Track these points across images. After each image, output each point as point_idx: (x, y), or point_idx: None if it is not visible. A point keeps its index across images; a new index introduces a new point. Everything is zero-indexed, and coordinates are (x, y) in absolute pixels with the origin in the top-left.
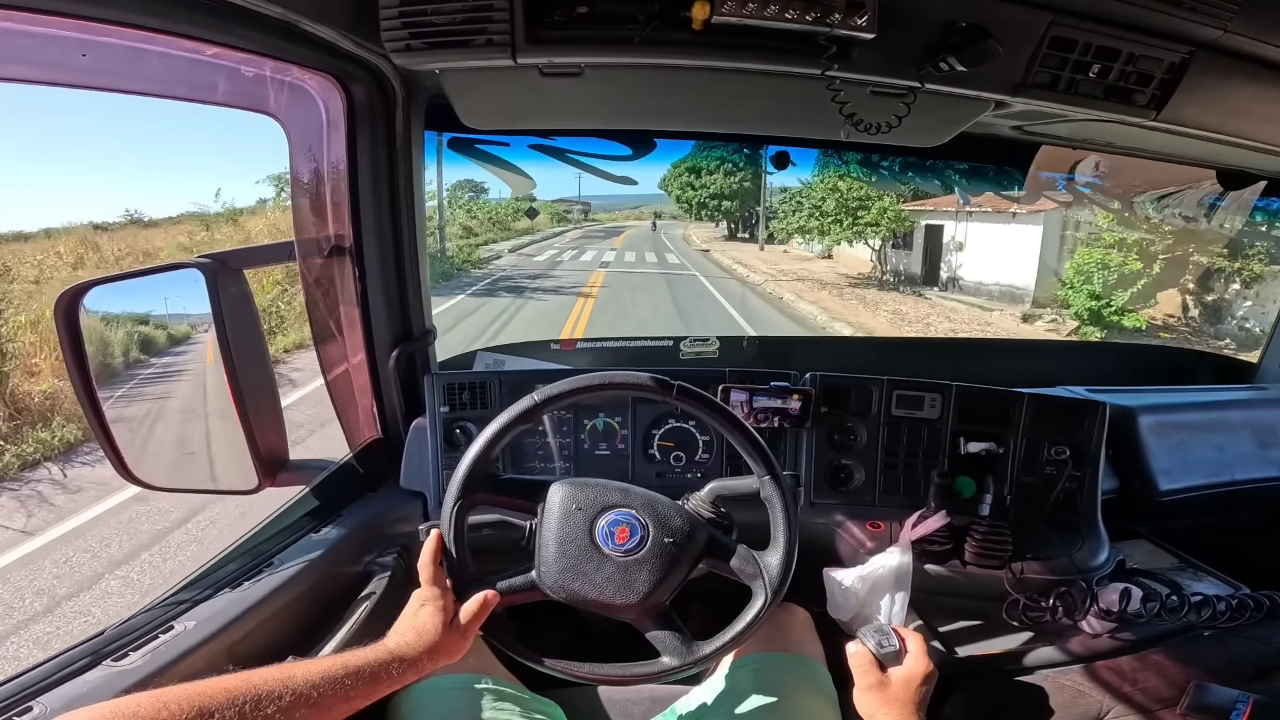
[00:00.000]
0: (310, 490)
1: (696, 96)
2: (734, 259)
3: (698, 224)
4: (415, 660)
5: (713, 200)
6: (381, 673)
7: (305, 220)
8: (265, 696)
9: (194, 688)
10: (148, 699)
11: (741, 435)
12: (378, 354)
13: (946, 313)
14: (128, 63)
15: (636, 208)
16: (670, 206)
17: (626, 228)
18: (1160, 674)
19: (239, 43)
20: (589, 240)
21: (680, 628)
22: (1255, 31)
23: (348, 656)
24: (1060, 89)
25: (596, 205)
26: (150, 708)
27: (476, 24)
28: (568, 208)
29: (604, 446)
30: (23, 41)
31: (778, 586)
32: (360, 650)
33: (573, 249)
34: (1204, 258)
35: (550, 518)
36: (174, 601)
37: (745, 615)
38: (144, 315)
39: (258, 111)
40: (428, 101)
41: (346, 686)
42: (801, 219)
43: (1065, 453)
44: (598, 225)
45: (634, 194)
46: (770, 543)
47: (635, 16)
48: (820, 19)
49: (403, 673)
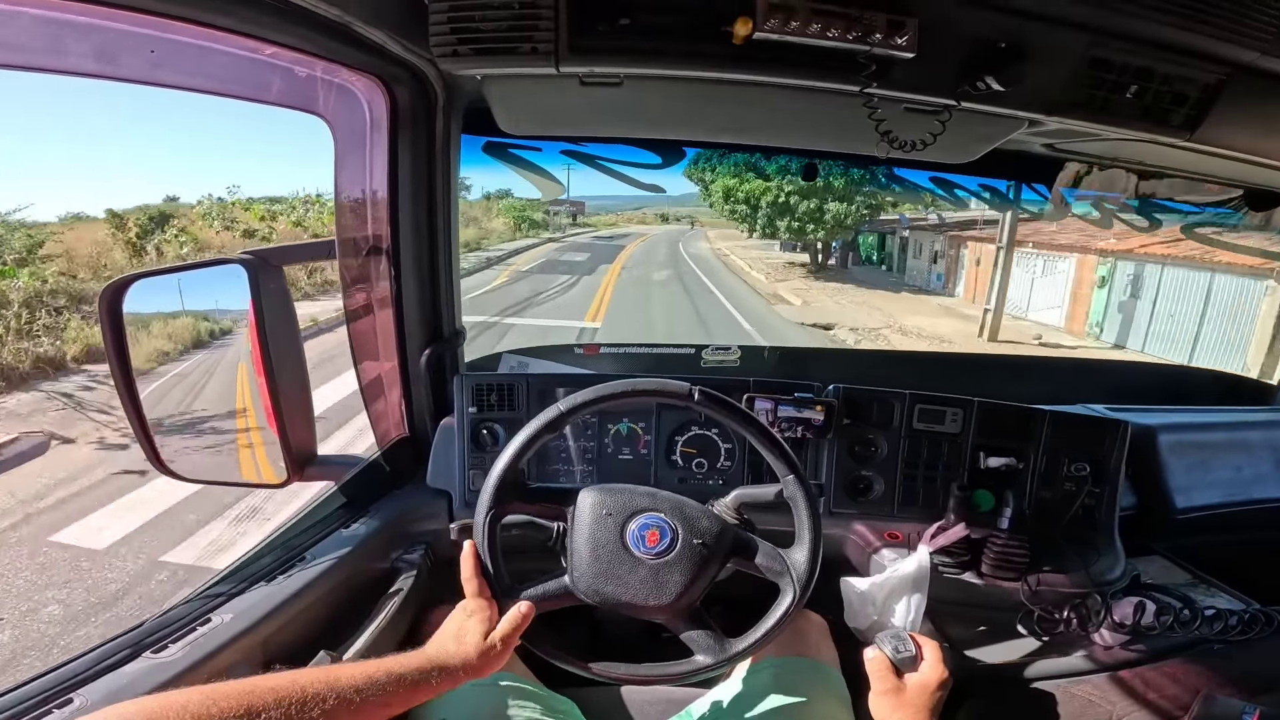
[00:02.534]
0: (339, 487)
1: (732, 108)
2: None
3: (727, 237)
4: (454, 670)
5: (814, 219)
6: (422, 681)
7: (346, 219)
8: (311, 698)
9: (242, 685)
10: (197, 695)
11: (763, 437)
12: (409, 353)
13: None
14: (192, 60)
15: (640, 209)
16: (685, 208)
17: (629, 238)
18: (1170, 686)
19: (295, 42)
20: (560, 268)
21: (712, 626)
22: None
23: (390, 662)
24: (1096, 108)
25: (592, 206)
26: (199, 704)
27: (522, 32)
28: (549, 208)
29: (627, 451)
30: (95, 37)
31: (805, 582)
32: (403, 656)
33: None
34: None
35: (581, 523)
36: (211, 594)
37: (775, 612)
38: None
39: (308, 111)
40: (466, 106)
41: (389, 692)
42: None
43: (1085, 469)
44: (587, 236)
45: (636, 194)
46: (795, 540)
47: (677, 30)
48: (861, 38)
49: (441, 682)
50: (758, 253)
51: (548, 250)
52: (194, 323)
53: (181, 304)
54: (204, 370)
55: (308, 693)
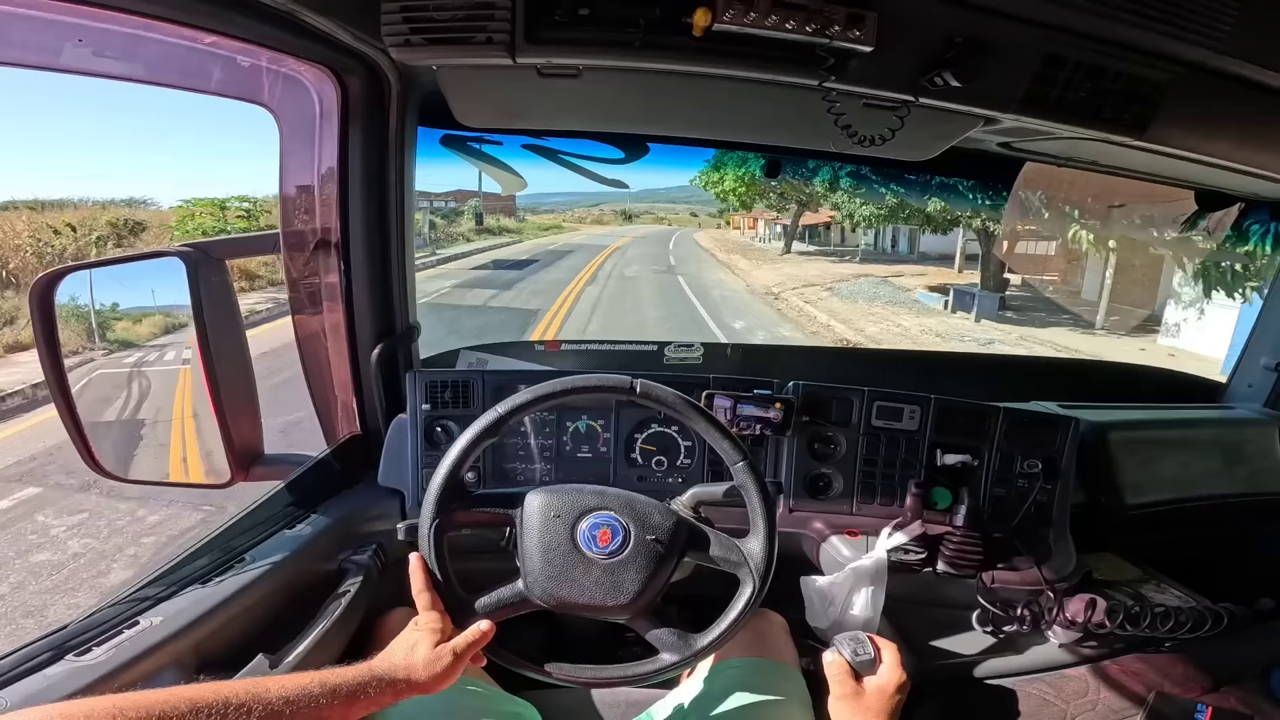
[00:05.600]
0: (285, 485)
1: (692, 102)
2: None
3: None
4: (395, 682)
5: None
6: (359, 692)
7: (292, 212)
8: (234, 710)
9: (157, 695)
10: (103, 704)
11: (711, 425)
12: (360, 349)
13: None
14: (125, 49)
15: (598, 205)
16: (655, 206)
17: (570, 256)
18: (1123, 683)
19: (238, 32)
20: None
21: (675, 623)
22: (1243, 53)
23: (326, 673)
24: (1049, 105)
25: (537, 201)
26: (104, 712)
27: (477, 21)
28: (435, 202)
29: (586, 449)
30: (19, 25)
31: (764, 571)
32: (340, 669)
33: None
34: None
35: (530, 527)
36: (139, 597)
37: (736, 604)
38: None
39: (251, 101)
40: (422, 97)
41: (321, 705)
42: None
43: (1037, 466)
44: (482, 257)
45: (594, 189)
46: (750, 530)
47: (636, 20)
48: (820, 30)
49: (380, 693)
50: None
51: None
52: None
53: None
54: (143, 365)
55: (230, 704)
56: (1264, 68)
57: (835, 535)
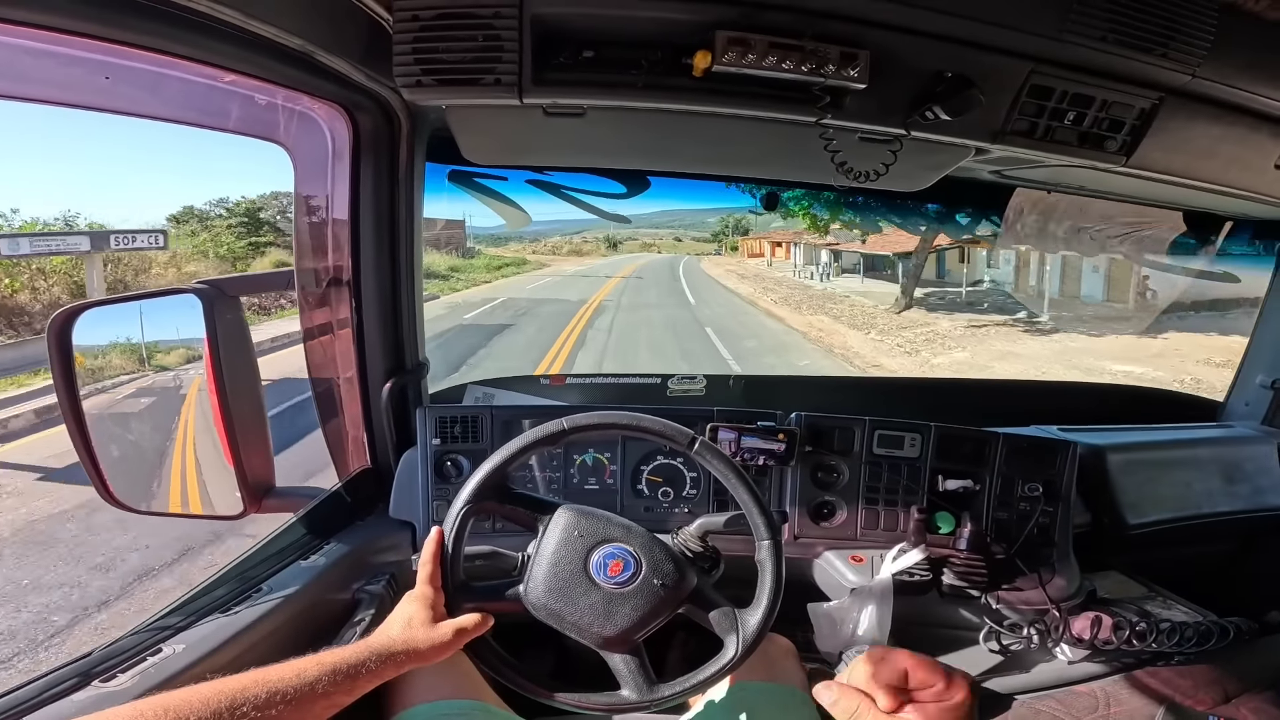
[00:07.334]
0: (299, 518)
1: (693, 139)
2: None
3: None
4: (393, 655)
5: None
6: (360, 667)
7: (306, 248)
8: (241, 698)
9: (169, 696)
10: (125, 710)
11: (751, 498)
12: (370, 385)
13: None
14: (149, 88)
15: (580, 232)
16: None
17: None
18: (1133, 698)
19: (258, 71)
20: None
21: (645, 665)
22: (1222, 76)
23: (324, 655)
24: (1037, 136)
25: (488, 232)
26: (126, 717)
27: (486, 64)
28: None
29: (593, 481)
30: (47, 62)
31: (750, 645)
32: (337, 649)
33: None
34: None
35: (550, 537)
36: (162, 625)
37: (713, 665)
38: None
39: (267, 139)
40: (430, 134)
41: (325, 682)
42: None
43: (1038, 489)
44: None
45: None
46: (754, 601)
47: (639, 62)
48: (815, 69)
49: (381, 666)
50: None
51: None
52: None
53: (135, 335)
54: (157, 398)
55: (237, 694)
56: (1241, 89)
57: (840, 560)
